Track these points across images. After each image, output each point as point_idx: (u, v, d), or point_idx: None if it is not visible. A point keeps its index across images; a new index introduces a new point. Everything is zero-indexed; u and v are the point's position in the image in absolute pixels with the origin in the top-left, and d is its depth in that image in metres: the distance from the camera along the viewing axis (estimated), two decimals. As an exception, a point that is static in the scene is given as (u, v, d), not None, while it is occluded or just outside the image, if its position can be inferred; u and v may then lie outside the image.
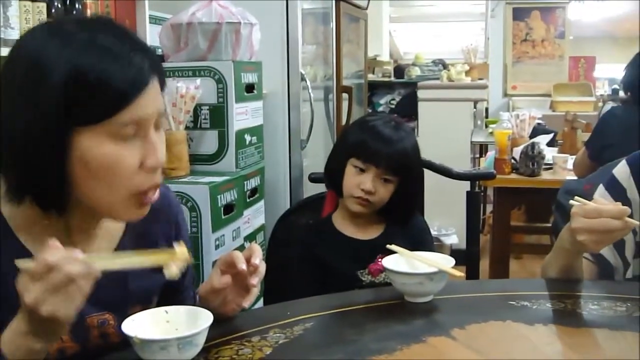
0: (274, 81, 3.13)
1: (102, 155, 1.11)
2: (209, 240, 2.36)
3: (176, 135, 2.46)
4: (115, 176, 1.13)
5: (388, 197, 1.90)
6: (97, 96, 1.08)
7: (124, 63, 1.10)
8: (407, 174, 1.90)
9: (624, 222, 1.42)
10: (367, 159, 1.88)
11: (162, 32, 2.70)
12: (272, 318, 1.40)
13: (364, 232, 1.94)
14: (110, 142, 1.11)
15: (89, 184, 1.14)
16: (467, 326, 1.33)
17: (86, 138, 1.10)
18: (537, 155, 3.64)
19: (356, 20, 5.00)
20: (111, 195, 1.15)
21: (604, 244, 1.50)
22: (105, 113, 1.10)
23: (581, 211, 1.46)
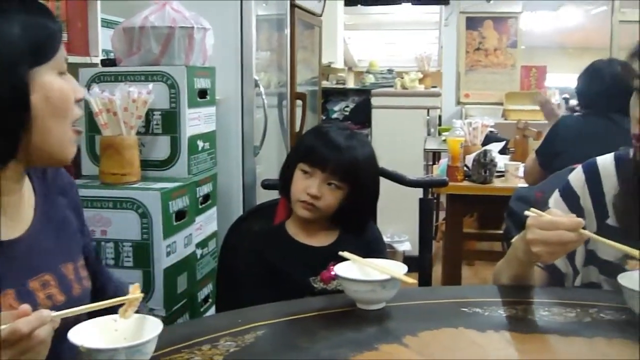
0: (227, 87, 3.11)
1: (59, 88, 1.28)
2: (160, 247, 2.33)
3: (128, 140, 2.43)
4: (68, 107, 1.31)
5: (335, 203, 1.90)
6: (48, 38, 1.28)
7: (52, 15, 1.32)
8: (356, 182, 1.90)
9: (578, 234, 1.44)
10: (313, 163, 1.89)
11: (114, 36, 2.66)
12: (223, 326, 1.38)
13: (317, 239, 1.93)
14: (58, 76, 1.29)
15: (48, 119, 1.26)
16: (419, 333, 1.33)
17: (43, 75, 1.26)
18: (489, 162, 3.67)
19: (311, 27, 5.00)
20: (64, 126, 1.30)
21: (558, 255, 1.51)
22: (54, 50, 1.29)
23: (536, 223, 1.46)
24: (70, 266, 1.41)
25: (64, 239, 1.44)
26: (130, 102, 2.41)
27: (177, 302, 2.46)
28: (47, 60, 1.27)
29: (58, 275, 1.36)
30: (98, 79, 2.59)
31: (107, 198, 2.32)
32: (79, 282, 1.41)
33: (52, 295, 1.33)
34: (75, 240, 1.48)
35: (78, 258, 1.46)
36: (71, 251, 1.45)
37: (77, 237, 1.49)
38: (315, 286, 1.85)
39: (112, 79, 2.58)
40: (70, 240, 1.46)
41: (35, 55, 1.25)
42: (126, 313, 1.19)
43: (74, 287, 1.39)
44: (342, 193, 1.90)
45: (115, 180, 2.41)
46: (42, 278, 1.32)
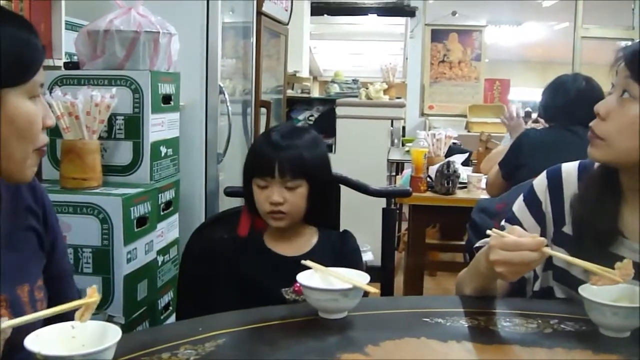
0: (191, 93, 3.09)
1: (26, 112, 1.27)
2: (121, 253, 2.30)
3: (89, 145, 2.40)
4: (33, 131, 1.29)
5: (301, 203, 1.89)
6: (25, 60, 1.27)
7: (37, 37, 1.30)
8: (309, 176, 1.88)
9: (540, 254, 1.45)
10: (264, 172, 1.88)
11: (78, 39, 2.63)
12: (183, 334, 1.36)
13: (294, 248, 1.92)
14: (28, 100, 1.28)
15: (11, 141, 1.26)
16: (381, 343, 1.33)
17: (13, 97, 1.25)
18: (453, 174, 3.69)
19: (277, 35, 5.00)
20: (26, 150, 1.29)
21: (522, 274, 1.52)
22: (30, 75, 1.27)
23: (499, 244, 1.47)
24: (26, 288, 1.38)
25: (23, 260, 1.41)
26: (93, 106, 2.38)
27: (137, 309, 2.43)
28: (20, 84, 1.25)
29: (12, 296, 1.33)
30: (60, 82, 2.56)
31: (68, 203, 2.28)
32: (32, 306, 1.38)
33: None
34: (34, 263, 1.45)
35: (35, 280, 1.43)
36: (29, 273, 1.42)
37: (38, 259, 1.46)
38: (287, 297, 1.83)
39: (75, 82, 2.56)
40: (28, 262, 1.43)
41: (8, 76, 1.24)
42: (83, 317, 1.17)
43: (26, 311, 1.35)
44: (303, 190, 1.88)
45: (76, 185, 2.38)
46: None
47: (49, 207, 1.53)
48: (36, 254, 1.46)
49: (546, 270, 1.73)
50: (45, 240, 1.49)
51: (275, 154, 1.87)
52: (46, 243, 1.49)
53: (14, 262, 1.37)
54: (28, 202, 1.46)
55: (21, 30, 1.27)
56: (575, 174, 1.72)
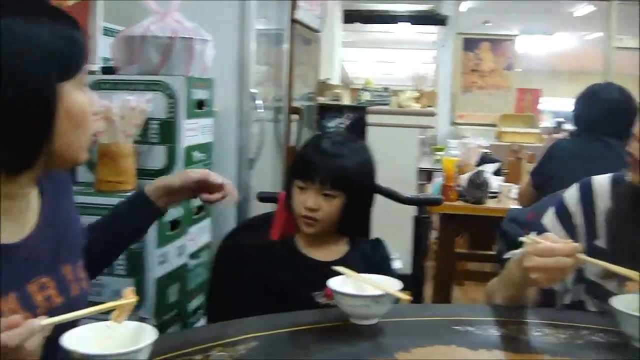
0: (225, 99, 3.11)
1: (81, 103, 1.30)
2: (153, 256, 2.33)
3: (124, 149, 2.43)
4: (88, 121, 1.34)
5: (334, 212, 1.90)
6: (77, 54, 1.30)
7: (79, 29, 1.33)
8: (349, 189, 1.89)
9: (575, 259, 1.44)
10: (305, 177, 1.90)
11: (114, 44, 2.67)
12: (215, 336, 1.38)
13: (325, 254, 1.93)
14: (80, 91, 1.31)
15: (69, 131, 1.29)
16: (412, 350, 1.34)
17: (69, 89, 1.28)
18: (483, 183, 3.69)
19: (309, 42, 5.02)
20: (82, 138, 1.33)
21: (557, 281, 1.53)
22: (80, 66, 1.31)
23: (534, 250, 1.47)
24: (69, 267, 1.41)
25: (66, 241, 1.44)
26: (129, 111, 2.41)
27: (167, 312, 2.46)
28: (74, 75, 1.29)
29: (57, 276, 1.37)
30: (97, 87, 2.59)
31: (102, 205, 2.31)
32: (77, 283, 1.42)
33: (50, 297, 1.33)
34: (77, 242, 1.50)
35: (77, 260, 1.47)
36: (71, 253, 1.45)
37: (79, 238, 1.51)
38: (319, 301, 1.84)
39: (111, 87, 2.59)
40: (71, 242, 1.47)
41: (65, 69, 1.27)
42: (119, 318, 1.19)
43: (72, 288, 1.40)
44: (339, 201, 1.89)
45: (110, 188, 2.41)
46: (40, 280, 1.33)
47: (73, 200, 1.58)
48: (76, 236, 1.51)
49: (578, 284, 1.73)
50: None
51: (319, 161, 1.89)
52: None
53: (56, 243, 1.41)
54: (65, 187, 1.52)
55: (69, 25, 1.30)
56: (607, 187, 1.71)
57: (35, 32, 1.22)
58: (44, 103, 1.24)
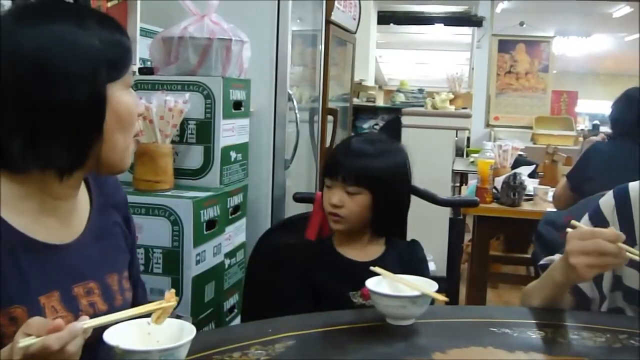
0: (261, 100, 3.13)
1: (126, 103, 1.33)
2: (190, 255, 2.35)
3: (162, 149, 2.46)
4: (133, 120, 1.36)
5: (360, 210, 1.90)
6: (123, 55, 1.33)
7: (124, 31, 1.36)
8: (374, 186, 1.89)
9: (617, 247, 1.43)
10: (331, 174, 1.93)
11: (153, 45, 2.70)
12: (253, 335, 1.39)
13: (361, 254, 1.93)
14: (126, 92, 1.34)
15: (116, 132, 1.31)
16: (448, 350, 1.34)
17: (116, 90, 1.30)
18: (519, 185, 3.67)
19: (344, 43, 5.03)
20: (128, 139, 1.35)
21: (595, 270, 1.48)
22: (127, 67, 1.34)
23: (576, 234, 1.47)
24: (115, 277, 1.43)
25: (111, 251, 1.47)
26: (167, 111, 2.44)
27: (204, 310, 2.48)
28: (121, 76, 1.32)
29: (102, 284, 1.39)
30: (135, 87, 2.61)
31: (140, 204, 2.34)
32: (121, 294, 1.44)
33: (94, 303, 1.35)
34: (121, 254, 1.52)
35: (122, 270, 1.49)
36: (117, 263, 1.48)
37: (124, 251, 1.53)
38: (355, 301, 1.85)
39: (149, 87, 2.62)
40: (116, 253, 1.49)
41: (113, 71, 1.30)
42: (159, 319, 1.21)
43: (117, 298, 1.41)
44: (365, 199, 1.89)
45: (148, 187, 2.44)
46: (88, 285, 1.35)
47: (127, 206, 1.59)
48: (122, 247, 1.52)
49: (615, 291, 1.71)
50: (127, 237, 1.55)
51: (344, 158, 1.91)
52: (129, 240, 1.55)
53: (103, 252, 1.43)
54: (115, 197, 1.53)
55: (114, 28, 1.33)
56: None
57: (84, 36, 1.26)
58: (95, 103, 1.27)
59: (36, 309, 1.22)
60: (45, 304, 1.25)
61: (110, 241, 1.47)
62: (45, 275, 1.27)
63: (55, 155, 1.25)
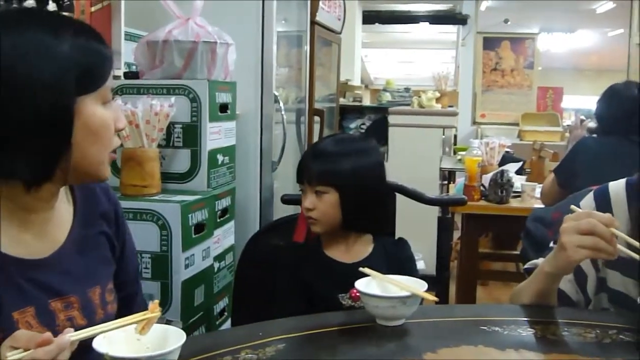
0: (247, 102, 3.13)
1: (100, 117, 1.30)
2: (179, 259, 2.34)
3: (149, 153, 2.45)
4: (107, 135, 1.33)
5: (331, 210, 1.90)
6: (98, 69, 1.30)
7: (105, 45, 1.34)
8: (339, 183, 1.89)
9: (609, 232, 1.42)
10: (300, 178, 1.95)
11: (138, 49, 2.69)
12: (243, 338, 1.39)
13: (349, 255, 1.94)
14: (101, 106, 1.31)
15: (87, 146, 1.29)
16: (439, 350, 1.34)
17: (89, 104, 1.28)
18: (506, 183, 3.67)
19: (329, 44, 5.03)
20: (101, 154, 1.32)
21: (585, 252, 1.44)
22: (102, 81, 1.30)
23: (573, 215, 1.47)
24: (97, 290, 1.41)
25: (95, 263, 1.45)
26: (153, 115, 2.43)
27: (194, 314, 2.47)
28: (94, 90, 1.29)
29: (83, 298, 1.37)
30: (120, 92, 2.62)
31: (128, 209, 2.33)
32: (103, 307, 1.41)
33: (73, 318, 1.33)
34: (106, 266, 1.49)
35: (106, 283, 1.46)
36: (100, 276, 1.45)
37: (109, 263, 1.50)
38: (344, 303, 1.84)
39: (135, 91, 2.61)
40: (100, 266, 1.46)
41: (84, 84, 1.27)
42: (143, 330, 1.20)
43: (98, 312, 1.39)
44: (333, 198, 1.89)
45: (135, 192, 2.43)
46: (67, 299, 1.33)
47: (120, 213, 1.56)
48: (107, 259, 1.49)
49: (599, 293, 1.71)
50: (115, 246, 1.52)
51: (308, 161, 1.94)
52: (117, 249, 1.53)
53: (85, 265, 1.41)
54: (102, 207, 1.50)
55: (92, 39, 1.30)
56: (623, 194, 1.67)
57: (54, 47, 1.23)
58: (61, 115, 1.23)
59: (8, 325, 1.21)
60: (18, 319, 1.24)
61: (95, 253, 1.45)
62: (19, 292, 1.26)
63: (18, 166, 1.23)
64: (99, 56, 1.31)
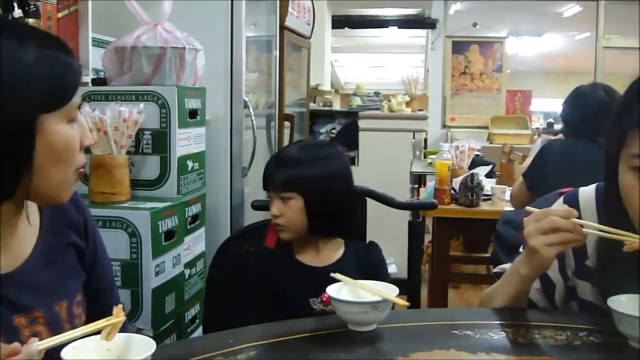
0: (217, 107, 3.12)
1: (64, 137, 1.26)
2: (149, 267, 2.32)
3: (118, 160, 2.43)
4: (71, 154, 1.28)
5: (297, 215, 1.91)
6: (63, 87, 1.26)
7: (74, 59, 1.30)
8: (302, 188, 1.90)
9: (571, 223, 1.43)
10: (266, 186, 1.97)
11: (105, 55, 2.67)
12: (215, 346, 1.38)
13: (320, 259, 1.94)
14: (66, 124, 1.27)
15: (49, 166, 1.25)
16: (411, 355, 1.33)
17: (53, 122, 1.24)
18: (477, 186, 3.69)
19: (299, 49, 5.03)
20: (64, 173, 1.28)
21: (555, 248, 1.46)
22: (67, 100, 1.26)
23: (532, 217, 1.48)
24: (64, 304, 1.38)
25: (61, 276, 1.41)
26: (121, 122, 2.41)
27: (164, 322, 2.45)
28: (57, 109, 1.25)
29: (50, 313, 1.34)
30: (89, 98, 2.59)
31: (97, 217, 2.28)
32: (70, 322, 1.38)
33: (38, 333, 1.30)
34: (74, 278, 1.46)
35: (74, 296, 1.43)
36: (67, 289, 1.42)
37: (77, 274, 1.47)
38: (315, 307, 1.85)
39: (103, 98, 2.59)
40: (67, 278, 1.43)
41: (47, 103, 1.23)
42: (109, 336, 1.18)
43: (65, 327, 1.35)
44: (298, 203, 1.91)
45: (104, 200, 2.41)
46: (32, 315, 1.31)
47: (90, 221, 1.53)
48: (75, 270, 1.46)
49: (569, 302, 1.71)
50: (85, 255, 1.49)
51: (272, 168, 1.95)
52: (87, 258, 1.50)
53: (52, 278, 1.38)
54: (71, 217, 1.47)
55: (58, 52, 1.27)
56: (593, 201, 1.65)
57: (17, 61, 1.19)
58: (21, 134, 1.20)
59: None
60: None
61: (62, 265, 1.42)
62: None
63: None
64: (65, 70, 1.27)
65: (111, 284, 1.62)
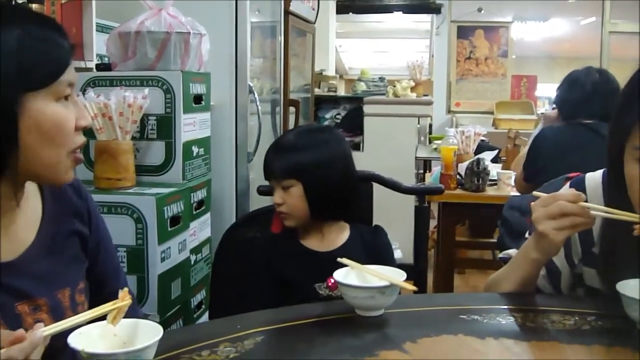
0: (221, 93, 3.10)
1: (52, 115, 1.22)
2: (155, 252, 2.32)
3: (123, 145, 2.42)
4: (62, 134, 1.25)
5: (299, 202, 1.92)
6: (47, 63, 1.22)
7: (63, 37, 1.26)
8: (302, 174, 1.91)
9: (579, 207, 1.44)
10: (267, 175, 1.98)
11: (110, 41, 2.65)
12: (221, 332, 1.37)
13: (325, 244, 1.94)
14: (56, 103, 1.23)
15: (38, 146, 1.22)
16: (419, 340, 1.33)
17: (39, 101, 1.21)
18: (482, 171, 3.68)
19: (303, 34, 5.01)
20: (57, 154, 1.26)
21: (565, 232, 1.46)
22: (54, 77, 1.22)
23: (539, 202, 1.47)
24: (67, 292, 1.38)
25: (64, 263, 1.41)
26: (126, 107, 2.40)
27: (171, 307, 2.45)
28: (44, 87, 1.22)
29: (53, 301, 1.34)
30: (93, 84, 2.58)
31: (102, 203, 2.30)
32: (73, 309, 1.37)
33: (41, 321, 1.27)
34: (77, 265, 1.45)
35: (77, 283, 1.42)
36: (70, 277, 1.41)
37: (80, 261, 1.46)
38: (321, 292, 1.85)
39: (107, 83, 2.58)
40: (70, 266, 1.42)
41: (31, 80, 1.20)
42: (115, 320, 1.18)
43: (67, 314, 1.34)
44: (298, 190, 1.91)
45: (109, 185, 2.40)
46: (35, 302, 1.30)
47: (93, 208, 1.52)
48: (78, 258, 1.45)
49: (574, 289, 1.71)
50: (89, 242, 1.49)
51: (271, 157, 1.96)
52: (90, 245, 1.49)
53: (55, 265, 1.37)
54: (73, 204, 1.46)
55: (43, 29, 1.24)
56: (600, 187, 1.65)
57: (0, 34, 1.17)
58: (2, 112, 1.17)
59: None
60: None
61: (64, 252, 1.41)
62: None
63: None
64: (52, 49, 1.24)
65: (117, 270, 1.61)
